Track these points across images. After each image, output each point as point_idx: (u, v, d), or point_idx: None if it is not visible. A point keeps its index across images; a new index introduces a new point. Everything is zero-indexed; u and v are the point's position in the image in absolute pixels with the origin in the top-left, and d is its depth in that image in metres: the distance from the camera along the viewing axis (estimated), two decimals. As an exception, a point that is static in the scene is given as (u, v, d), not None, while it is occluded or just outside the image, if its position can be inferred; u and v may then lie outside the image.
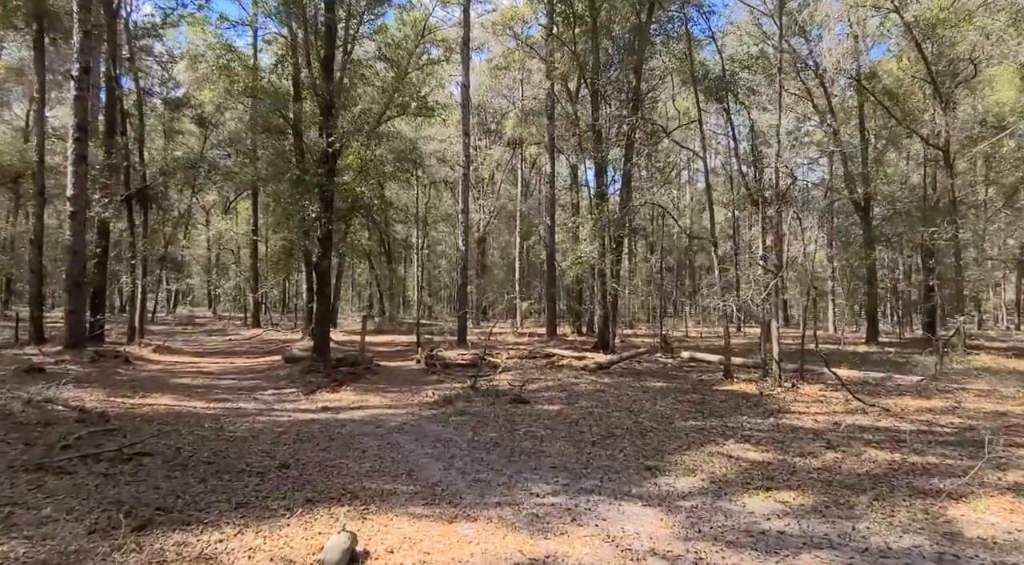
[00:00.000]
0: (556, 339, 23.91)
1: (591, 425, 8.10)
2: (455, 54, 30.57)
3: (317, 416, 8.75)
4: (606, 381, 11.79)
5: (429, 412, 9.09)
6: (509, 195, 44.71)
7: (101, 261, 17.15)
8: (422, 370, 13.73)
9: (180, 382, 11.56)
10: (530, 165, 42.41)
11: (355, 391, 10.86)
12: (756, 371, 13.49)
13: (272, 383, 11.87)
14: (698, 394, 10.60)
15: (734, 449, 6.84)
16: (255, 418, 8.44)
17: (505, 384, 11.26)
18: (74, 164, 14.28)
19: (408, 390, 11.01)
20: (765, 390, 10.79)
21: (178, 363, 14.67)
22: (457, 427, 8.06)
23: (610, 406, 9.43)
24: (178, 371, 13.17)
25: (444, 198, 47.39)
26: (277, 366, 14.10)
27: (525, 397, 9.91)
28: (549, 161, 24.12)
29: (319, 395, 10.52)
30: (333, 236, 13.43)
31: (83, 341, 14.47)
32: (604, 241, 18.06)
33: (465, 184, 20.56)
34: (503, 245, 50.69)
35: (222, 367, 14.31)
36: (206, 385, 11.40)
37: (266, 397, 10.37)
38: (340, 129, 12.50)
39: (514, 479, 5.78)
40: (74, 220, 14.31)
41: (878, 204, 27.33)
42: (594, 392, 10.56)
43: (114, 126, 17.25)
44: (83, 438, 6.30)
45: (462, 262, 20.97)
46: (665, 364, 15.13)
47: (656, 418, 8.59)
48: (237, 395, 10.45)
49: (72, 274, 14.35)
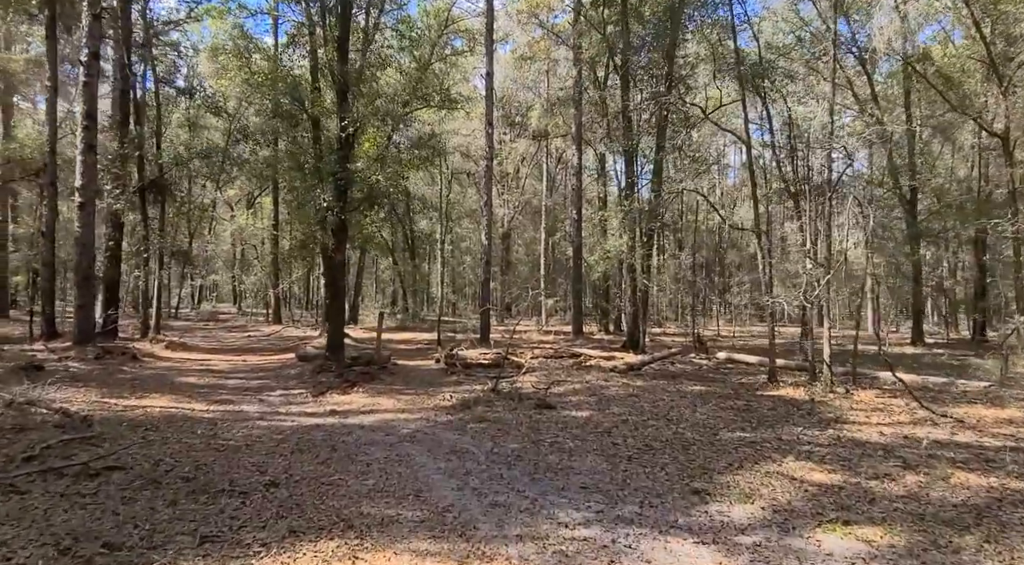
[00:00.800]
0: (582, 338, 22.98)
1: (625, 436, 7.20)
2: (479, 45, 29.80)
3: (323, 421, 7.99)
4: (639, 384, 10.86)
5: (445, 418, 8.27)
6: (534, 190, 43.83)
7: (114, 254, 16.69)
8: (441, 370, 12.94)
9: (185, 381, 10.92)
10: (556, 159, 41.46)
11: (367, 393, 10.10)
12: (802, 374, 12.45)
13: (281, 383, 11.17)
14: (741, 400, 9.61)
15: (794, 468, 5.89)
16: (255, 423, 7.71)
17: (529, 386, 10.39)
18: (83, 153, 13.78)
19: (424, 392, 10.21)
20: (816, 396, 9.77)
21: (188, 360, 14.10)
22: (475, 436, 7.22)
23: (645, 413, 8.52)
24: (186, 369, 12.57)
25: (468, 193, 46.67)
26: (289, 364, 13.43)
27: (551, 402, 9.04)
28: (576, 152, 23.17)
29: (328, 397, 9.77)
30: (348, 228, 12.67)
31: (93, 337, 13.97)
32: (634, 234, 17.09)
33: (488, 176, 19.72)
34: (528, 241, 49.80)
35: (233, 365, 13.70)
36: (211, 385, 10.75)
37: (272, 399, 9.66)
38: (355, 113, 11.74)
39: (538, 503, 4.93)
40: (83, 211, 13.81)
41: (925, 197, 25.88)
42: (626, 397, 9.64)
43: (128, 115, 16.77)
44: (54, 447, 5.61)
45: (485, 257, 20.15)
46: (700, 366, 14.12)
47: (698, 428, 7.65)
48: (242, 396, 9.76)
49: (81, 268, 13.86)
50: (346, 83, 11.81)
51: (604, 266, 18.70)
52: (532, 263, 45.69)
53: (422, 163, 12.83)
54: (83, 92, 13.74)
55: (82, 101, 13.74)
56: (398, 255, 39.00)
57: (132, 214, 16.34)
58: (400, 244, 40.16)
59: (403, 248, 39.17)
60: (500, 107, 31.06)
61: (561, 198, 42.62)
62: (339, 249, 12.37)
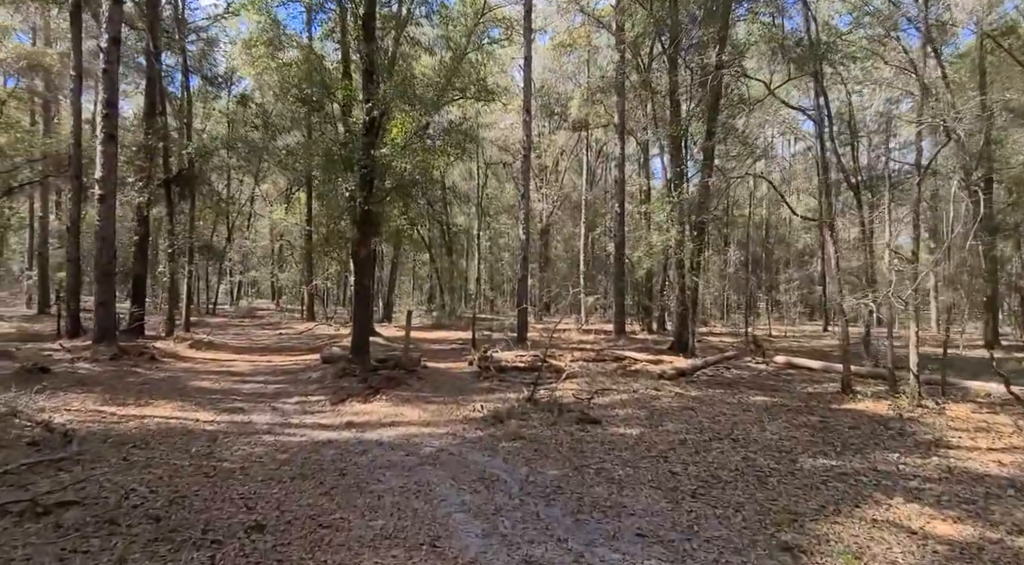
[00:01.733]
0: (625, 338, 21.76)
1: (685, 462, 6.07)
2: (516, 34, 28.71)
3: (337, 436, 7.07)
4: (693, 395, 9.66)
5: (475, 433, 7.26)
6: (573, 184, 42.56)
7: (140, 248, 16.23)
8: (474, 374, 11.96)
9: (198, 385, 10.18)
10: (595, 152, 40.13)
11: (391, 401, 9.17)
12: (876, 382, 11.09)
13: (300, 388, 10.34)
14: (815, 415, 8.35)
15: (907, 514, 4.69)
16: (260, 438, 6.83)
17: (570, 395, 9.32)
18: (103, 143, 13.20)
19: (454, 401, 9.22)
20: (903, 411, 8.44)
21: (210, 361, 13.45)
22: (508, 458, 6.19)
23: (705, 431, 7.35)
24: (205, 371, 11.88)
25: (507, 188, 45.68)
26: (313, 366, 12.63)
27: (595, 415, 7.95)
28: (619, 141, 21.91)
29: (348, 405, 8.88)
30: (375, 221, 11.79)
31: (113, 335, 13.42)
32: (683, 228, 15.82)
33: (526, 167, 18.66)
34: (567, 237, 48.54)
35: (255, 366, 12.97)
36: (225, 390, 9.97)
37: (287, 407, 8.82)
38: (381, 95, 10.82)
39: (584, 557, 3.88)
40: (103, 204, 13.24)
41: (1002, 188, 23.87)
42: (681, 410, 8.48)
43: (154, 106, 16.25)
44: (12, 473, 4.79)
45: (522, 253, 19.13)
46: (758, 371, 12.81)
47: (771, 452, 6.46)
48: (255, 403, 8.94)
49: (101, 263, 13.31)
50: (372, 63, 10.90)
51: (649, 262, 17.45)
52: (571, 260, 44.44)
53: (453, 150, 11.80)
54: (103, 79, 13.16)
55: (102, 88, 13.18)
56: (435, 251, 38.31)
57: (158, 208, 15.79)
58: (437, 240, 39.46)
59: (440, 244, 38.45)
60: (539, 97, 29.95)
61: (601, 192, 41.32)
62: (364, 243, 11.49)
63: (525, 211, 18.66)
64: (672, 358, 14.46)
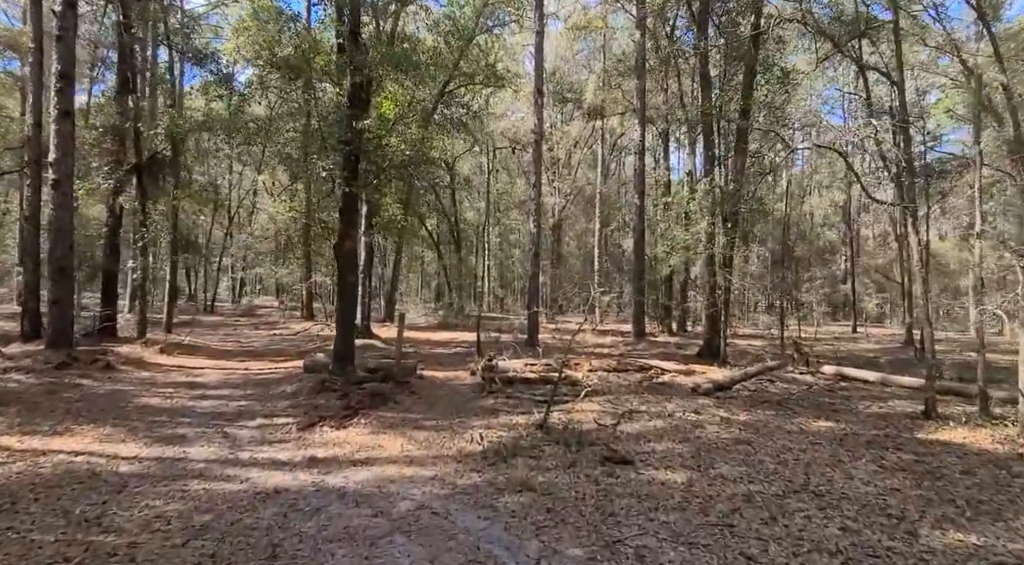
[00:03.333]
0: (645, 341, 20.00)
1: (762, 535, 4.31)
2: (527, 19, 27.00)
3: (291, 480, 5.40)
4: (742, 419, 7.88)
5: (470, 477, 5.55)
6: (586, 179, 40.74)
7: (111, 242, 14.66)
8: (477, 387, 10.23)
9: (145, 403, 8.54)
10: (610, 145, 38.31)
11: (372, 426, 7.47)
12: (953, 401, 9.28)
13: (268, 405, 8.67)
14: (906, 452, 6.54)
15: None
16: (185, 485, 5.17)
17: (590, 419, 7.58)
18: (57, 121, 11.64)
19: (448, 426, 7.51)
20: (1020, 447, 6.62)
21: (177, 369, 11.82)
22: (512, 523, 4.48)
23: (773, 478, 5.59)
24: (164, 382, 10.24)
25: (518, 184, 44.00)
26: (293, 376, 10.96)
27: (625, 451, 6.21)
28: (638, 127, 20.08)
29: (317, 432, 7.19)
30: (361, 208, 10.07)
31: (68, 338, 11.86)
32: (714, 220, 14.04)
33: (537, 153, 16.90)
34: (579, 233, 46.82)
35: (227, 376, 11.31)
36: (175, 409, 8.32)
37: (243, 433, 7.15)
38: (370, 60, 9.12)
39: None
40: (57, 191, 11.67)
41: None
42: (733, 443, 6.71)
43: (126, 83, 14.64)
44: None
45: (533, 248, 17.38)
46: (808, 385, 10.98)
47: (875, 516, 4.69)
48: (205, 428, 7.28)
49: (55, 257, 11.73)
50: (356, 19, 9.20)
51: (675, 259, 15.66)
52: (584, 256, 42.69)
53: (453, 128, 10.10)
54: (56, 48, 11.57)
55: (55, 58, 11.57)
56: (443, 248, 36.70)
57: (125, 197, 14.20)
58: (446, 236, 37.83)
59: (448, 240, 36.84)
60: (551, 82, 28.15)
61: (616, 186, 39.52)
62: (348, 234, 9.79)
63: (537, 202, 16.92)
64: (704, 367, 12.70)
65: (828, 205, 47.72)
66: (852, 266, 35.08)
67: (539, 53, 17.02)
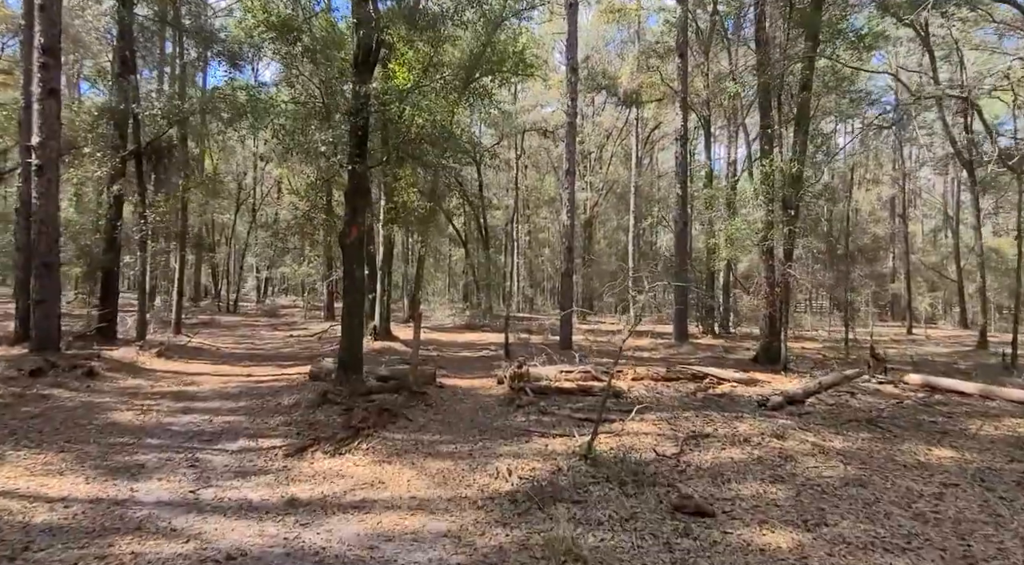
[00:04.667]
0: (688, 344, 18.35)
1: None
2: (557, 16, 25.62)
3: (254, 538, 4.00)
4: (837, 446, 6.25)
5: (494, 537, 4.09)
6: (617, 175, 38.97)
7: (110, 237, 13.55)
8: (505, 398, 8.78)
9: (113, 420, 7.25)
10: (644, 139, 36.50)
11: (375, 452, 6.06)
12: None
13: (259, 422, 7.32)
14: (1075, 497, 4.90)
15: None
16: (111, 544, 3.81)
17: (647, 446, 6.06)
18: (41, 100, 10.49)
19: (468, 453, 6.06)
20: None
21: (171, 376, 10.60)
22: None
23: (912, 539, 4.01)
24: (149, 393, 8.99)
25: (547, 181, 42.53)
26: (296, 385, 9.64)
27: (701, 497, 4.69)
28: (679, 111, 18.39)
29: (307, 460, 5.81)
30: (380, 198, 8.71)
31: (55, 341, 10.74)
32: (771, 208, 12.38)
33: (571, 135, 15.38)
34: (610, 231, 45.03)
35: (224, 384, 10.02)
36: (148, 427, 7.01)
37: (218, 460, 5.80)
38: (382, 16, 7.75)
39: None
40: (41, 177, 10.53)
41: None
42: (840, 483, 5.11)
43: (125, 62, 13.53)
44: None
45: (567, 242, 15.85)
46: (898, 399, 9.26)
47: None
48: (174, 453, 5.95)
49: (39, 251, 10.61)
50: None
51: (726, 253, 13.99)
52: (618, 254, 40.89)
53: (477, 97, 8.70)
54: (39, 19, 10.43)
55: (38, 30, 10.44)
56: (471, 246, 35.40)
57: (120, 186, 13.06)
58: (474, 234, 36.57)
59: (477, 238, 35.55)
60: (584, 68, 26.53)
61: (653, 177, 37.71)
62: (355, 222, 8.41)
63: (570, 190, 15.39)
64: (767, 376, 11.06)
65: (875, 199, 45.14)
66: (907, 263, 32.74)
67: (573, 26, 15.48)
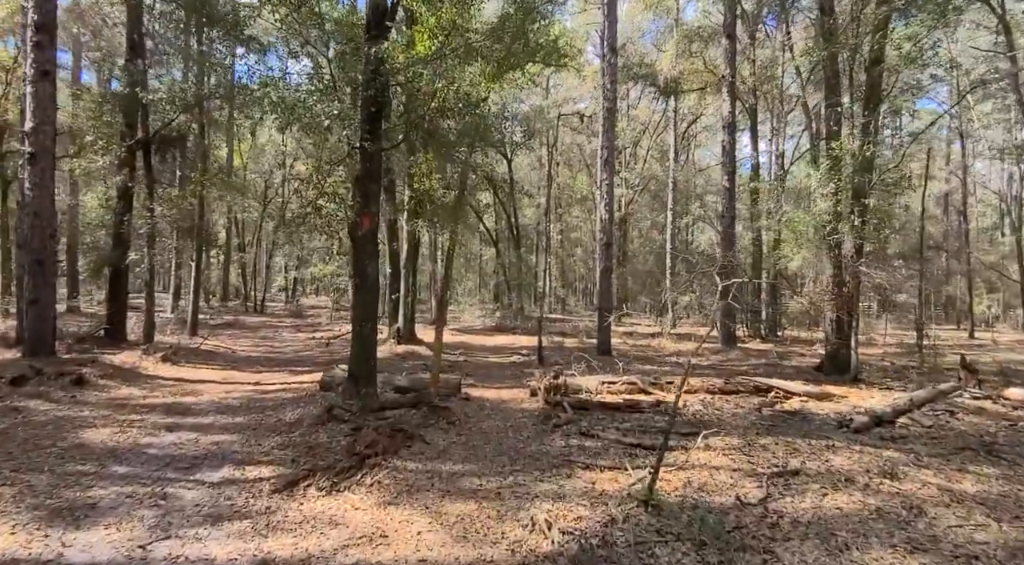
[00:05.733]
0: (736, 349, 16.89)
1: None
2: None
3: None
4: (970, 490, 4.88)
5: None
6: (651, 173, 37.34)
7: (117, 232, 12.73)
8: (540, 415, 7.56)
9: (85, 439, 6.23)
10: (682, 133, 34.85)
11: (381, 489, 4.89)
12: None
13: (253, 442, 6.24)
14: None
15: None
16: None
17: (722, 487, 4.79)
18: (33, 82, 9.67)
19: (496, 492, 4.85)
20: None
21: (173, 383, 9.63)
22: None
23: None
24: (138, 404, 7.99)
25: (579, 179, 41.22)
26: (305, 396, 8.56)
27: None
28: (727, 97, 16.94)
29: (297, 499, 4.68)
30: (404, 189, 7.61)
31: (50, 344, 9.90)
32: (838, 198, 10.92)
33: (610, 121, 14.08)
34: (644, 230, 43.37)
35: (227, 393, 9.01)
36: (121, 448, 5.97)
37: (189, 497, 4.71)
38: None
39: None
40: (34, 166, 9.71)
41: None
42: (1007, 556, 3.78)
43: (134, 46, 12.68)
44: None
45: (604, 238, 14.56)
46: (1011, 420, 7.77)
47: None
48: (139, 486, 4.89)
49: (32, 246, 9.78)
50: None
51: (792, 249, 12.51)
52: (653, 253, 39.26)
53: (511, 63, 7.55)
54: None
55: (32, 6, 9.59)
56: (502, 245, 34.31)
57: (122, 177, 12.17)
58: (504, 233, 35.52)
59: (507, 237, 34.47)
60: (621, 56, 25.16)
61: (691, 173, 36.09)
62: (366, 212, 7.28)
63: (609, 180, 14.10)
64: (840, 389, 9.62)
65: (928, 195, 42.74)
66: (967, 262, 30.61)
67: (612, 3, 14.19)
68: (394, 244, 15.67)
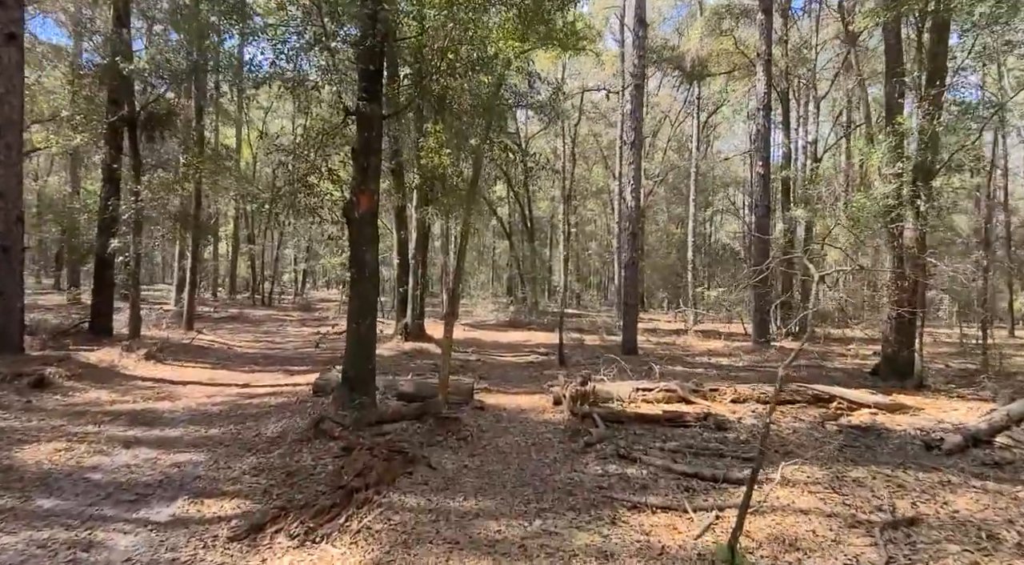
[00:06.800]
0: (770, 348, 15.61)
1: None
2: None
3: None
4: None
5: None
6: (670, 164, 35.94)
7: (102, 218, 11.70)
8: (566, 429, 6.39)
9: (16, 459, 5.15)
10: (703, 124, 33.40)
11: (370, 538, 3.75)
12: None
13: (220, 466, 5.12)
14: None
15: None
16: None
17: (821, 545, 3.61)
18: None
19: (520, 546, 3.70)
20: None
21: (151, 384, 8.57)
22: None
23: None
24: (102, 412, 6.91)
25: (595, 171, 39.94)
26: (296, 402, 7.46)
27: None
28: (762, 76, 15.60)
29: (259, 556, 3.55)
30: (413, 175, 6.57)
31: (14, 341, 8.87)
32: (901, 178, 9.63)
33: (638, 99, 12.84)
34: (663, 223, 41.99)
35: (209, 398, 7.92)
36: (57, 473, 4.87)
37: (121, 548, 3.60)
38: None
39: None
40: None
41: None
42: None
43: (120, 15, 11.61)
44: None
45: (630, 227, 13.33)
46: None
47: None
48: (60, 532, 3.79)
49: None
50: None
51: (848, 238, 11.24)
52: (673, 246, 37.87)
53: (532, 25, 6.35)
54: (-8, -53, 8.54)
55: (-7, -39, 8.53)
56: (516, 238, 33.20)
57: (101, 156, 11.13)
58: (518, 226, 34.40)
59: (521, 230, 33.35)
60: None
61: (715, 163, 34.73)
62: (364, 189, 6.14)
63: (635, 164, 12.86)
64: (912, 398, 8.35)
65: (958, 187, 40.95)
66: (1008, 256, 28.97)
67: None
68: (402, 233, 14.56)
